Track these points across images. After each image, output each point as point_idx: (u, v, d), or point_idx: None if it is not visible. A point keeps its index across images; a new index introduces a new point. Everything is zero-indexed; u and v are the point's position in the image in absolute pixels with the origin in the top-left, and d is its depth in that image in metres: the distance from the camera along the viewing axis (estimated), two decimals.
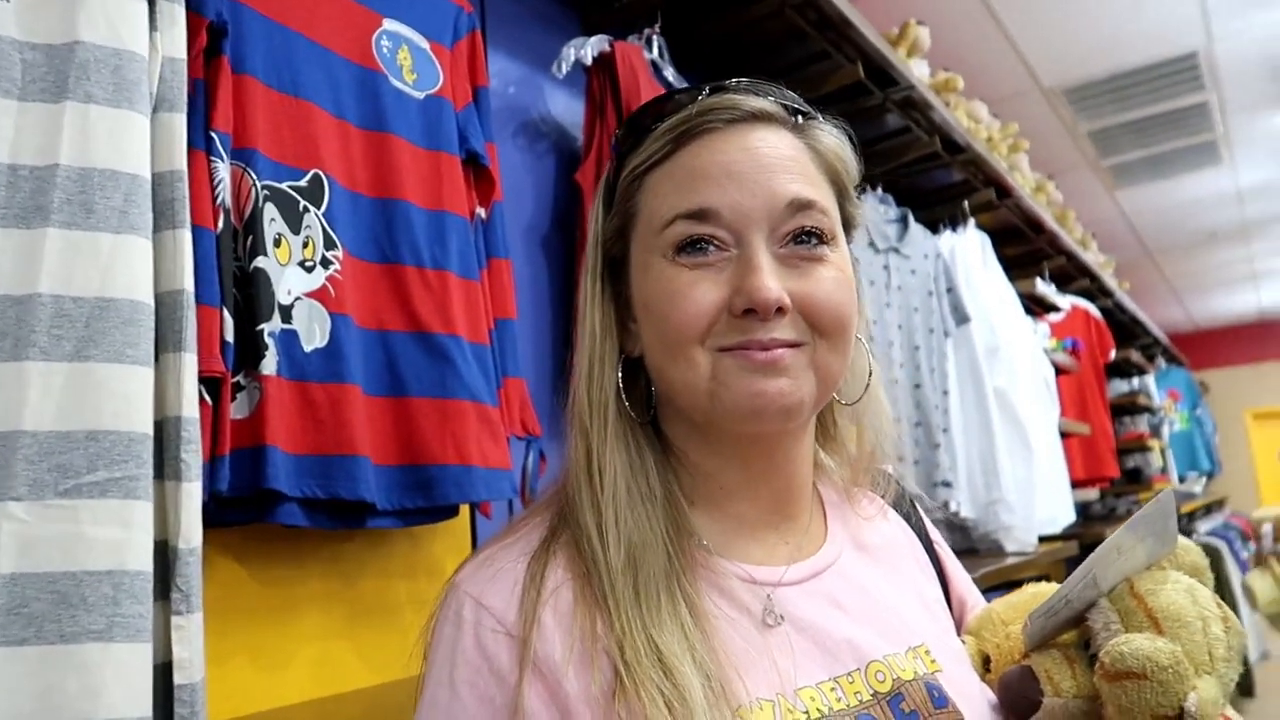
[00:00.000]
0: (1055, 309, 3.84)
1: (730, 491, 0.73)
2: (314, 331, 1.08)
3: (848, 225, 0.76)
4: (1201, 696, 0.56)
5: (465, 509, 1.35)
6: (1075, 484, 3.76)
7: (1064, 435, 3.44)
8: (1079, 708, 0.63)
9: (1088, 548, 3.83)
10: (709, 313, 0.67)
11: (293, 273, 1.07)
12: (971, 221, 3.15)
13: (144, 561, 0.72)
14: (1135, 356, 5.87)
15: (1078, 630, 0.70)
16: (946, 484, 2.54)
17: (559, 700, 0.62)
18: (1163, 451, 6.55)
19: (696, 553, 0.70)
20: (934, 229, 2.97)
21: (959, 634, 0.81)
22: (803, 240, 0.69)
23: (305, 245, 1.09)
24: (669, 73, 1.82)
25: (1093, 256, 4.94)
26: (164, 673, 0.72)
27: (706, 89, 0.72)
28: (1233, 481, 10.36)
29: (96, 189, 0.75)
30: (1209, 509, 8.04)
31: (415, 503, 1.16)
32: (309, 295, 1.08)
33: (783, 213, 0.68)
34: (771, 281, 0.66)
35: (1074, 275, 4.60)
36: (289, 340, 1.05)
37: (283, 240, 1.07)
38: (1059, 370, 3.58)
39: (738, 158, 0.69)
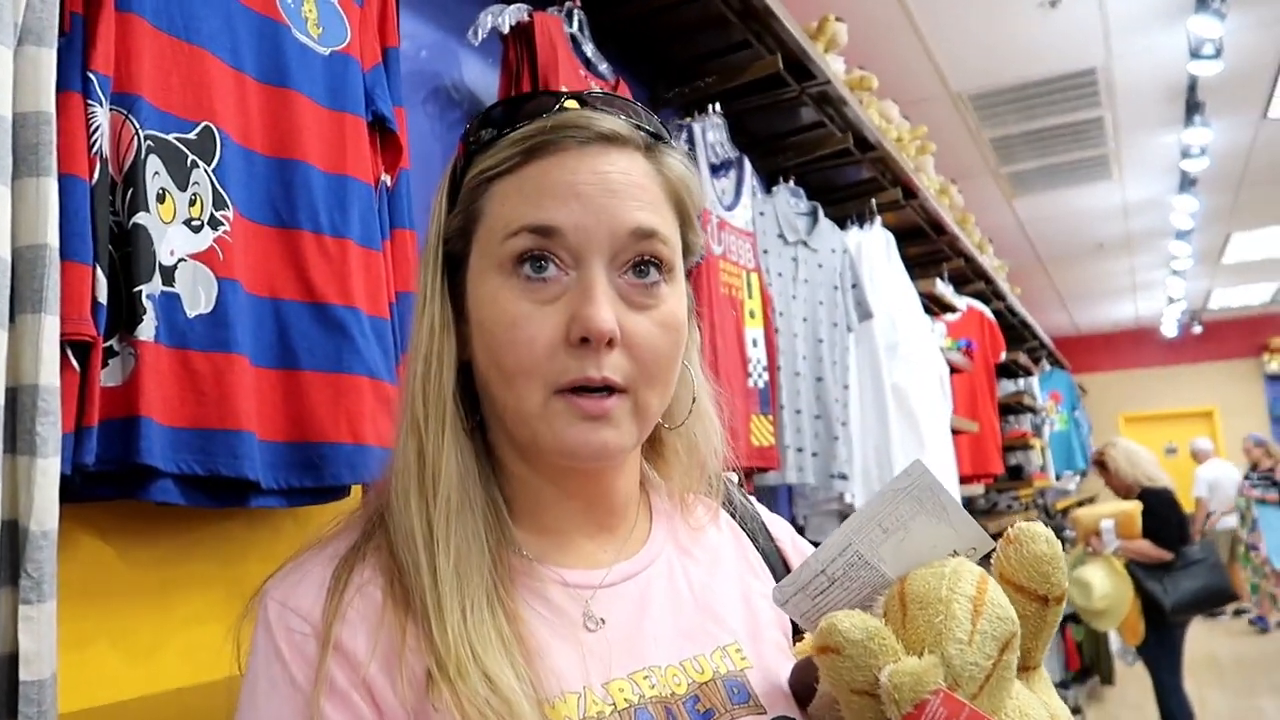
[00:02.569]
0: (953, 309, 3.94)
1: (550, 505, 0.74)
2: (198, 296, 1.00)
3: (689, 251, 0.76)
4: (900, 670, 0.55)
5: (356, 490, 1.29)
6: (962, 479, 3.88)
7: (954, 432, 3.53)
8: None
9: None
10: (545, 348, 0.66)
11: (177, 232, 0.99)
12: (878, 219, 3.20)
13: None
14: (1022, 359, 6.10)
15: None
16: (843, 476, 2.58)
17: (365, 686, 0.63)
18: (1043, 450, 6.85)
19: (517, 561, 0.70)
20: (842, 225, 3.00)
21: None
22: (641, 270, 0.69)
23: (192, 203, 1.01)
24: (588, 48, 1.77)
25: (989, 260, 5.10)
26: (9, 665, 0.65)
27: (564, 97, 0.71)
28: (1100, 482, 10.90)
29: None
30: (1081, 504, 8.44)
31: (303, 482, 1.10)
32: (194, 257, 1.01)
33: (625, 240, 0.68)
34: (606, 313, 0.66)
35: (971, 278, 4.75)
36: (170, 304, 0.97)
37: (167, 196, 0.99)
38: (953, 369, 3.68)
39: (587, 179, 0.68)
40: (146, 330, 0.94)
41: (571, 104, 0.70)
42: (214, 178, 1.03)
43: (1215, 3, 3.53)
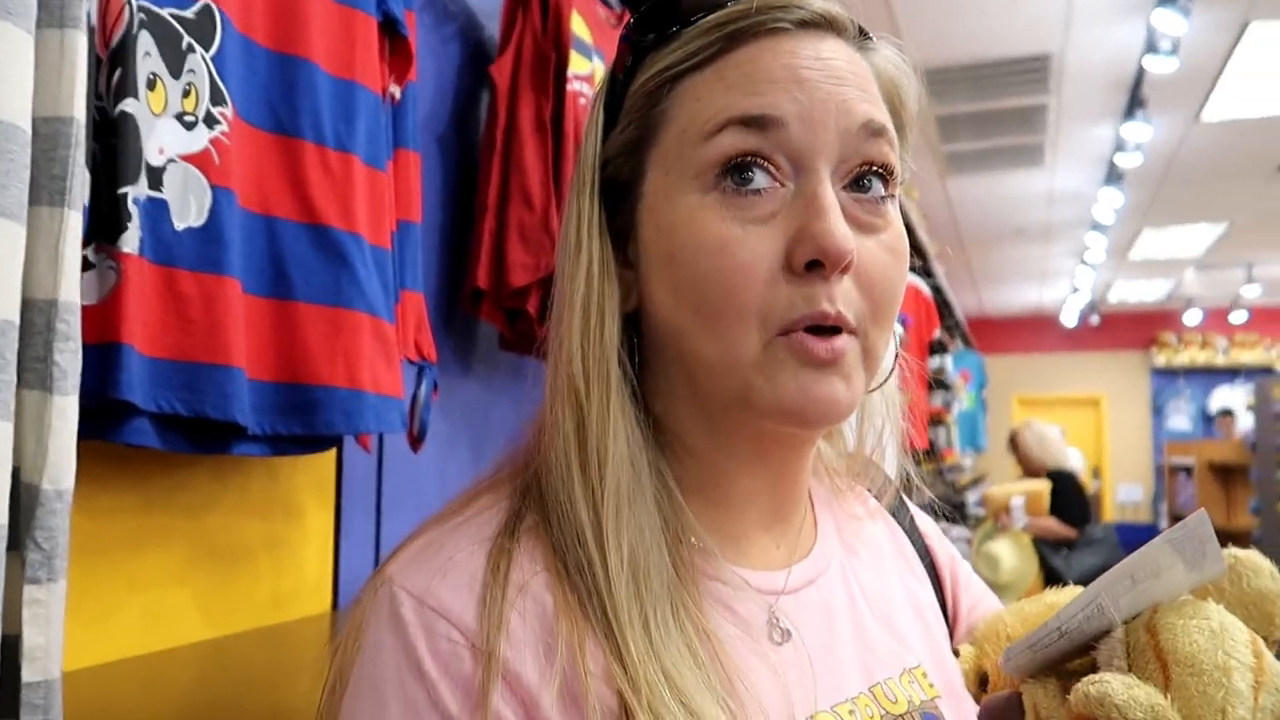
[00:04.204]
0: None
1: (730, 488, 0.61)
2: (189, 205, 0.85)
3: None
4: None
5: (343, 442, 1.15)
6: None
7: None
8: None
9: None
10: (763, 275, 0.53)
11: (168, 127, 0.84)
12: None
13: None
14: (942, 336, 6.19)
15: (1084, 660, 0.61)
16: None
17: None
18: (951, 428, 7.00)
19: (696, 558, 0.57)
20: None
21: (964, 640, 0.73)
22: (865, 184, 0.56)
23: (186, 94, 0.85)
24: None
25: (925, 237, 5.11)
26: (2, 650, 0.50)
27: None
28: (994, 460, 11.31)
29: None
30: (975, 483, 8.71)
31: (293, 429, 0.96)
32: (186, 159, 0.85)
33: (855, 137, 0.55)
34: (844, 227, 0.53)
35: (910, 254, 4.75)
36: (157, 212, 0.82)
37: (158, 83, 0.83)
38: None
39: (809, 64, 0.55)
40: (130, 241, 0.79)
41: None
42: (212, 67, 0.88)
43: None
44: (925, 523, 0.79)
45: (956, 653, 0.71)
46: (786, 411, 0.54)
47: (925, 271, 5.26)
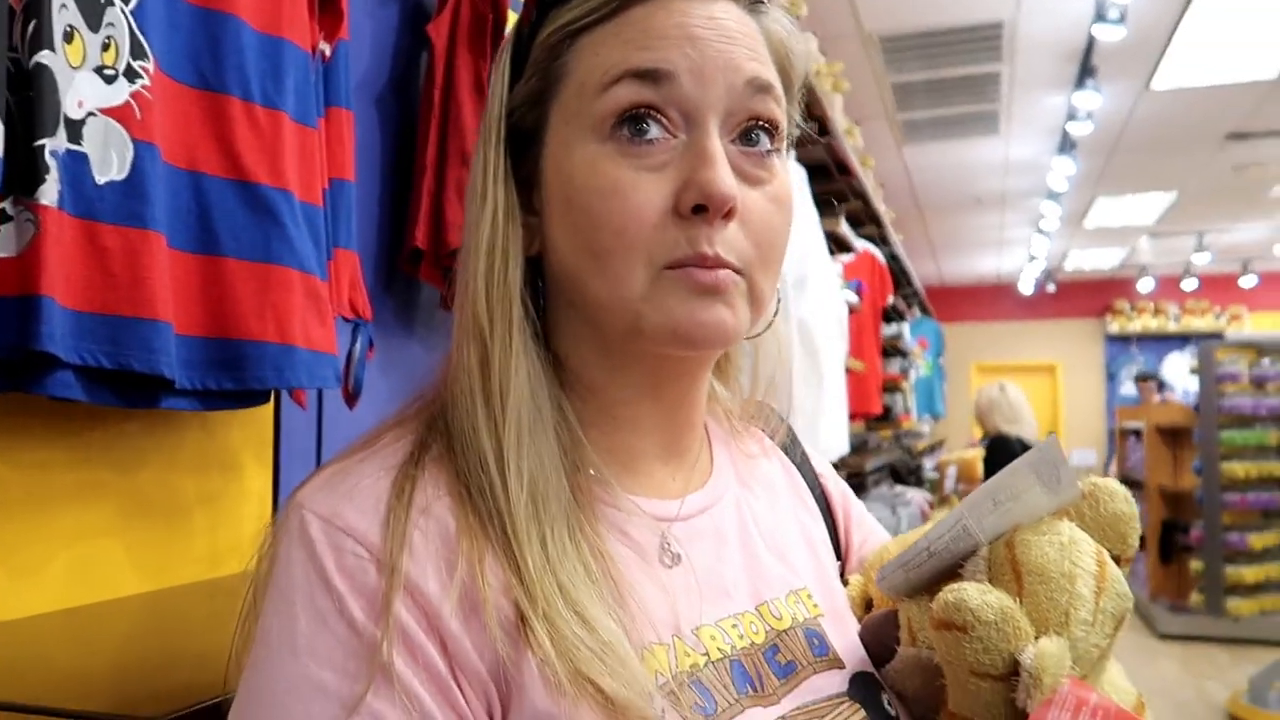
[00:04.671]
0: (850, 250, 3.98)
1: (627, 420, 0.65)
2: (110, 159, 0.85)
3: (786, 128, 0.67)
4: (1044, 655, 0.50)
5: (272, 395, 1.16)
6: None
7: (845, 371, 3.59)
8: (931, 658, 0.59)
9: (851, 476, 4.07)
10: (652, 218, 0.57)
11: (86, 80, 0.84)
12: (793, 153, 3.16)
13: None
14: (899, 304, 6.27)
15: (954, 581, 0.66)
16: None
17: (439, 635, 0.52)
18: (908, 394, 7.11)
19: (594, 486, 0.61)
20: None
21: (855, 570, 0.78)
22: (753, 138, 0.60)
23: (106, 48, 0.85)
24: None
25: (881, 205, 5.17)
26: None
27: None
28: (953, 426, 11.50)
29: None
30: (933, 448, 8.86)
31: (222, 384, 0.97)
32: (106, 113, 0.85)
33: (742, 92, 0.59)
34: (728, 176, 0.57)
35: (865, 221, 4.80)
36: (77, 165, 0.82)
37: (76, 35, 0.83)
38: (848, 309, 3.72)
39: (700, 22, 0.59)
40: (49, 193, 0.79)
41: None
42: (132, 21, 0.88)
43: None
44: (820, 463, 0.84)
45: (848, 582, 0.76)
46: (675, 334, 0.58)
47: (881, 239, 5.32)
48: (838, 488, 0.83)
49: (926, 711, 0.62)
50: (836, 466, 3.42)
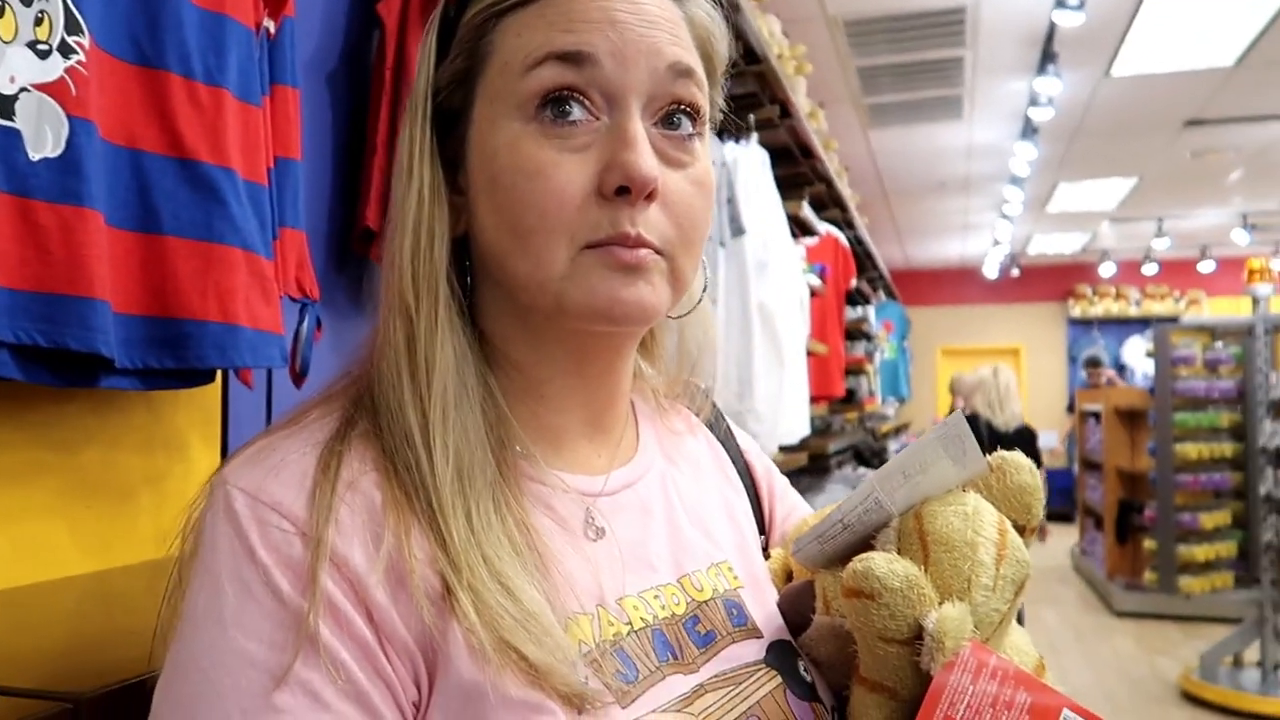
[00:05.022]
0: (813, 233, 4.00)
1: (551, 398, 0.66)
2: (44, 135, 0.84)
3: (709, 112, 0.68)
4: (946, 619, 0.53)
5: (219, 375, 1.16)
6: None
7: (807, 354, 3.62)
8: (844, 626, 0.61)
9: (813, 458, 4.11)
10: (575, 199, 0.58)
11: (19, 55, 0.83)
12: (755, 136, 3.17)
13: None
14: (864, 287, 6.32)
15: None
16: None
17: (365, 606, 0.53)
18: (873, 376, 7.18)
19: (520, 461, 0.63)
20: (719, 138, 2.95)
21: (778, 544, 0.81)
22: (674, 121, 0.62)
23: (39, 22, 0.84)
24: None
25: (845, 189, 5.20)
26: None
27: None
28: (917, 408, 11.64)
29: None
30: (898, 430, 8.97)
31: (163, 362, 0.96)
32: (40, 88, 0.84)
33: (664, 76, 0.60)
34: (650, 158, 0.59)
35: (828, 204, 4.83)
36: (10, 142, 0.81)
37: (7, 9, 0.82)
38: (810, 292, 3.74)
39: (621, 7, 0.60)
40: None
41: None
42: None
43: None
44: (745, 440, 0.86)
45: (770, 555, 0.78)
46: (597, 310, 0.59)
47: (846, 223, 5.36)
48: (762, 464, 0.85)
49: (841, 677, 0.65)
50: (798, 448, 3.45)
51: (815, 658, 0.67)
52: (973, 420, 5.48)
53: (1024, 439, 5.51)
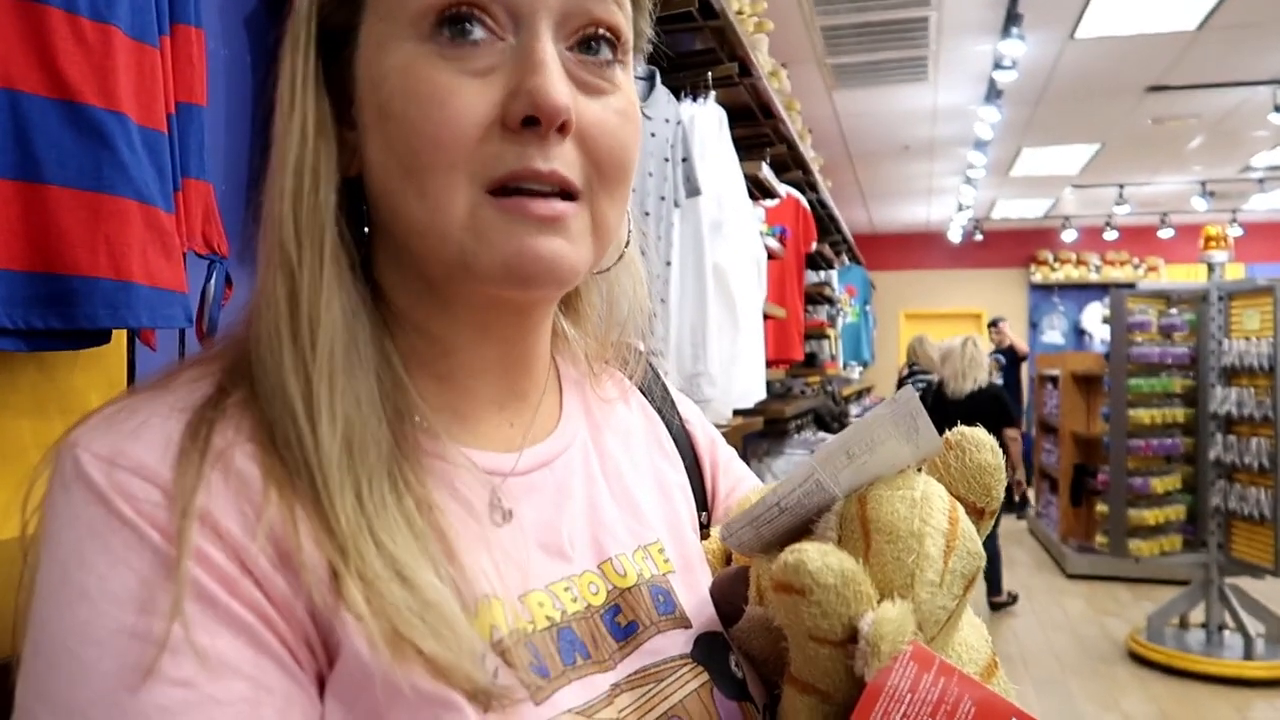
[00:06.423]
0: (773, 195, 3.94)
1: (459, 363, 0.59)
2: None
3: (637, 40, 0.61)
4: (883, 621, 0.47)
5: (121, 337, 1.09)
6: (765, 363, 3.97)
7: (764, 317, 3.58)
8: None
9: (771, 422, 4.09)
10: (475, 128, 0.51)
11: None
12: (713, 94, 3.10)
13: None
14: (827, 251, 6.29)
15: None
16: (656, 354, 2.54)
17: (249, 572, 0.47)
18: (835, 340, 7.19)
19: (419, 435, 0.56)
20: (675, 96, 2.88)
21: (721, 520, 0.74)
22: (592, 47, 0.55)
23: None
24: None
25: (808, 150, 5.14)
26: None
27: None
28: (881, 372, 11.70)
29: None
30: (859, 394, 9.01)
31: (48, 322, 0.89)
32: None
33: None
34: (560, 84, 0.52)
35: (790, 166, 4.77)
36: None
37: None
38: (769, 254, 3.70)
39: None
40: None
41: None
42: None
43: None
44: (687, 407, 0.79)
45: (709, 535, 0.72)
46: (507, 271, 0.52)
47: (808, 185, 5.31)
48: (705, 433, 0.78)
49: (775, 673, 0.59)
50: (755, 412, 3.42)
51: (747, 651, 0.62)
52: (940, 386, 5.59)
53: (983, 399, 5.60)
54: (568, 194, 0.53)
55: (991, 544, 5.68)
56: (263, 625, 0.46)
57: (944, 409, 5.95)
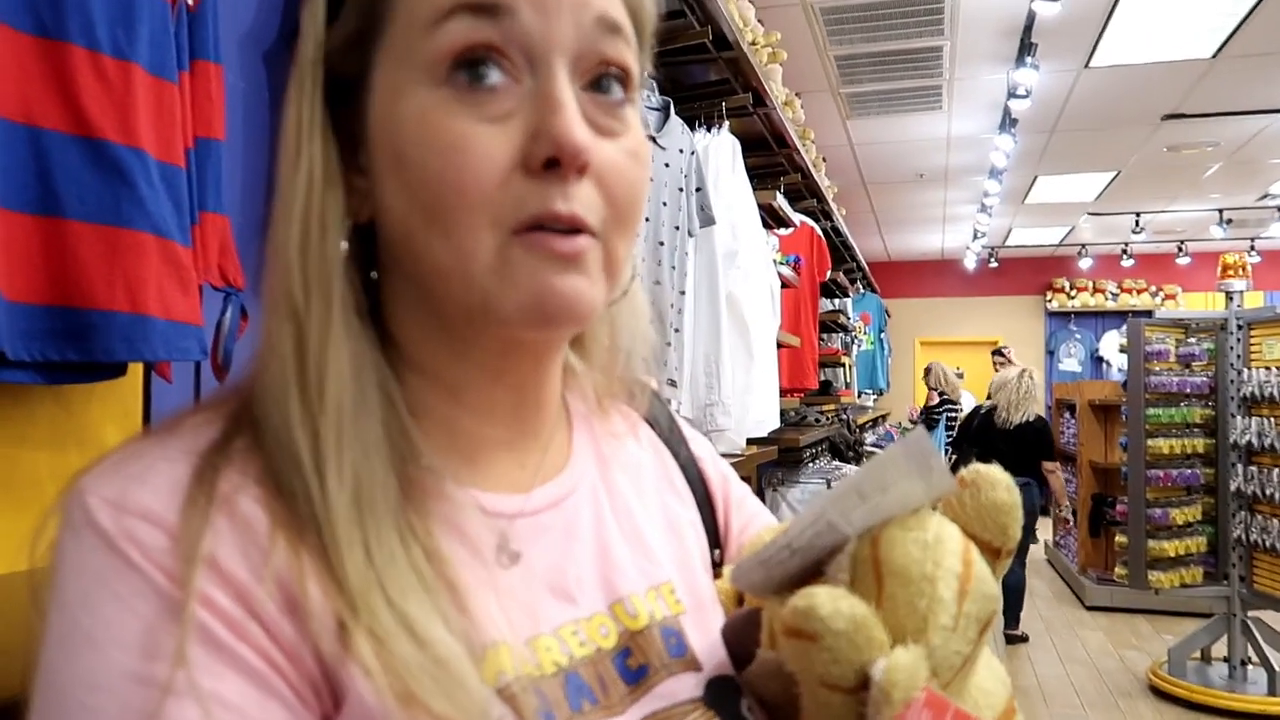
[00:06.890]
0: (787, 224, 3.95)
1: (467, 405, 0.59)
2: None
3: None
4: (896, 668, 0.46)
5: (137, 369, 1.10)
6: (780, 392, 3.96)
7: (779, 345, 3.58)
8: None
9: (785, 451, 4.07)
10: (496, 175, 0.50)
11: None
12: (726, 124, 3.12)
13: None
14: (841, 279, 6.29)
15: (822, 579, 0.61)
16: (671, 383, 2.54)
17: (256, 617, 0.46)
18: (850, 368, 7.17)
19: (426, 480, 0.55)
20: (690, 126, 2.90)
21: (734, 559, 0.73)
22: (604, 86, 0.54)
23: None
24: None
25: (822, 179, 5.15)
26: None
27: None
28: (896, 399, 11.65)
29: None
30: (875, 422, 8.97)
31: (65, 355, 0.90)
32: None
33: (591, 33, 0.53)
34: (581, 126, 0.51)
35: (805, 194, 4.79)
36: None
37: None
38: (783, 283, 3.71)
39: None
40: None
41: None
42: None
43: None
44: (699, 443, 0.78)
45: (721, 574, 0.71)
46: (529, 312, 0.52)
47: (823, 213, 5.32)
48: (716, 469, 0.77)
49: (788, 719, 0.56)
50: (769, 441, 3.40)
51: (760, 695, 0.60)
52: (989, 413, 5.70)
53: (1029, 431, 5.71)
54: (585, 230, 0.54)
55: (1016, 577, 5.63)
56: (269, 669, 0.46)
57: (989, 436, 5.99)
